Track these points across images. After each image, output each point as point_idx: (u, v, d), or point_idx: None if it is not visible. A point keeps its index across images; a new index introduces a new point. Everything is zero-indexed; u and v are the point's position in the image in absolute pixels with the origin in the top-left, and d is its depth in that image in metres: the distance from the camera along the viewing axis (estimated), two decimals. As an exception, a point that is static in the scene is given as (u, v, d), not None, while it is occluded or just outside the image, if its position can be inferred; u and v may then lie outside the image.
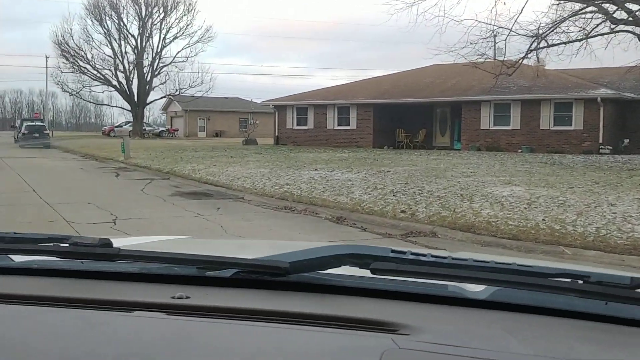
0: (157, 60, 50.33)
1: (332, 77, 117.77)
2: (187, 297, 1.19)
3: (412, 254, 1.25)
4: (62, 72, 49.14)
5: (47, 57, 53.50)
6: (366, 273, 1.22)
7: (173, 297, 1.19)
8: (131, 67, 50.20)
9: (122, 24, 49.41)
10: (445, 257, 1.25)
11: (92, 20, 48.70)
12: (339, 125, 31.31)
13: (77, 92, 50.41)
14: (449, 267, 1.22)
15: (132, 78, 50.28)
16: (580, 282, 1.17)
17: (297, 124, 32.74)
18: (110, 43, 49.33)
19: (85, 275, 1.38)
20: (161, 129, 59.79)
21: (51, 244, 1.41)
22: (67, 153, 32.47)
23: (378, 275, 1.21)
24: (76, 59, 48.35)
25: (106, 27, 48.92)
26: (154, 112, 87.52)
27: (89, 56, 48.80)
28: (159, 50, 50.21)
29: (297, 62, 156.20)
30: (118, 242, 1.45)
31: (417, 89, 29.76)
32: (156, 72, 50.55)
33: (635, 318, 1.16)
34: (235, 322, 1.09)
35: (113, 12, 49.05)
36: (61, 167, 21.35)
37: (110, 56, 49.49)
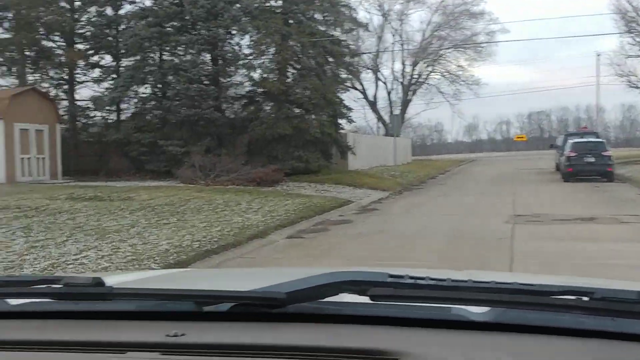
0: None
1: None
2: (182, 335, 1.15)
3: (411, 277, 1.20)
4: (627, 56, 32.27)
5: (597, 55, 39.30)
6: (365, 299, 1.17)
7: (168, 335, 1.15)
8: None
9: None
10: (444, 280, 1.21)
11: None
12: None
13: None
14: (449, 290, 1.18)
15: None
16: (586, 298, 1.13)
17: None
18: None
19: (80, 316, 1.34)
20: None
21: (44, 286, 1.37)
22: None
23: (377, 301, 1.16)
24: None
25: None
26: None
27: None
28: None
29: None
30: (112, 280, 1.43)
31: None
32: None
33: None
34: (231, 359, 1.06)
35: None
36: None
37: None
